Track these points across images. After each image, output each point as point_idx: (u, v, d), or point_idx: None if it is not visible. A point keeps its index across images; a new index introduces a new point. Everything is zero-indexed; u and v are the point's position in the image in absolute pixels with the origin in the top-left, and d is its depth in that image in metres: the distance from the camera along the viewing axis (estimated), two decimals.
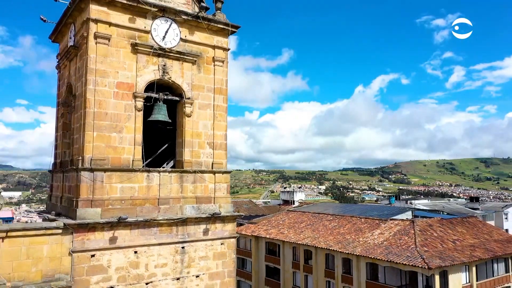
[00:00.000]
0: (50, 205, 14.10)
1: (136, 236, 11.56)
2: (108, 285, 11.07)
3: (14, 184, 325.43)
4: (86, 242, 10.82)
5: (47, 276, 10.27)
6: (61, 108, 14.03)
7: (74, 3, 12.07)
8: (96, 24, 11.49)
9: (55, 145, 14.61)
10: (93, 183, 11.08)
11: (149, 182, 12.02)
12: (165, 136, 13.91)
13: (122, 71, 11.89)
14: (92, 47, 11.42)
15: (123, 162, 11.71)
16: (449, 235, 34.62)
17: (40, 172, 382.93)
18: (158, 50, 12.43)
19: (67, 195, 12.19)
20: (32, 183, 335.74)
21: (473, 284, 32.09)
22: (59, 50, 15.00)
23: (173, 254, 12.17)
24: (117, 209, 11.35)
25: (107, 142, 11.48)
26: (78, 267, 10.66)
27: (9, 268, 9.82)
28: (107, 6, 11.67)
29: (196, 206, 12.75)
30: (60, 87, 14.44)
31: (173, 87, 12.93)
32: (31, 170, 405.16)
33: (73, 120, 12.55)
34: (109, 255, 11.11)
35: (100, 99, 11.45)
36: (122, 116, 11.79)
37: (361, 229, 37.73)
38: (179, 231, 12.32)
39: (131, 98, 11.97)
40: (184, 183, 12.66)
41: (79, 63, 12.28)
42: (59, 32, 14.29)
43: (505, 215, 59.28)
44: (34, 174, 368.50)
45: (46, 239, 10.35)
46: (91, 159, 11.17)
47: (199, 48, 13.41)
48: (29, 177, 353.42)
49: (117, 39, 11.85)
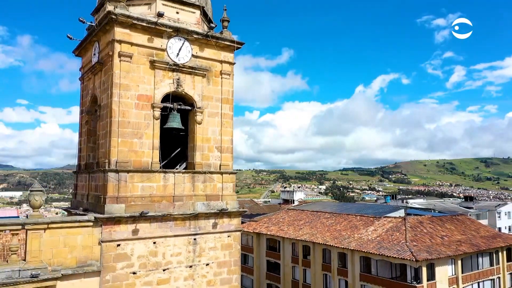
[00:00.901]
0: (75, 202, 15.82)
1: (155, 228, 13.29)
2: (131, 271, 12.80)
3: (15, 184, 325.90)
4: (113, 233, 12.55)
5: (81, 262, 12.00)
6: (86, 115, 15.78)
7: (100, 24, 13.80)
8: (120, 44, 13.22)
9: (79, 149, 16.35)
10: (118, 182, 12.80)
11: (165, 182, 13.75)
12: (178, 141, 15.63)
13: (142, 84, 13.62)
14: (116, 64, 13.15)
15: (143, 164, 13.44)
16: (438, 232, 36.68)
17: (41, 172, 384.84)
18: (173, 65, 14.16)
19: (94, 193, 13.92)
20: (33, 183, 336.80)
21: (458, 276, 34.42)
22: (82, 63, 16.73)
23: (186, 245, 13.90)
24: (138, 205, 13.08)
25: (129, 147, 13.21)
26: (106, 255, 12.39)
27: (50, 254, 11.54)
28: (129, 29, 13.40)
29: (206, 203, 14.48)
30: (84, 97, 16.17)
31: (185, 97, 14.65)
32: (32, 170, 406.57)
33: (99, 127, 14.27)
34: (132, 244, 12.85)
35: (124, 109, 13.18)
36: (142, 124, 13.52)
37: (356, 226, 39.89)
38: (192, 224, 14.05)
39: (149, 108, 13.70)
40: (196, 182, 14.39)
41: (104, 77, 14.00)
42: (83, 48, 16.03)
43: (498, 214, 61.06)
44: (35, 174, 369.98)
45: (80, 230, 12.08)
46: (116, 161, 12.90)
47: (208, 63, 15.13)
48: (29, 177, 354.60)
49: (137, 56, 13.58)
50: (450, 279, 34.54)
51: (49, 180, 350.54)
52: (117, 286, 12.51)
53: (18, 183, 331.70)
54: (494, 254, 38.13)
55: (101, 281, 12.25)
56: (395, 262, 33.27)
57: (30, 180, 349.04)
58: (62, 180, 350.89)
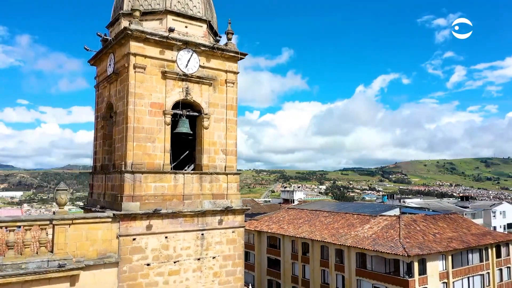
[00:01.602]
0: (91, 200, 17.15)
1: (166, 224, 14.61)
2: (146, 262, 14.12)
3: (15, 184, 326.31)
4: (129, 229, 13.87)
5: (101, 254, 13.33)
6: (101, 121, 17.11)
7: (116, 38, 15.12)
8: (135, 57, 14.53)
9: (95, 152, 17.69)
10: (133, 182, 14.13)
11: (175, 182, 15.07)
12: (186, 144, 16.94)
13: (155, 93, 14.94)
14: (132, 75, 14.48)
15: (156, 166, 14.76)
16: (431, 229, 38.26)
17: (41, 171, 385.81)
18: (182, 75, 15.48)
19: (110, 192, 15.25)
20: (33, 183, 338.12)
21: (449, 271, 36.27)
22: (96, 72, 18.06)
23: (194, 239, 15.22)
24: (152, 203, 14.40)
25: (143, 150, 14.54)
26: (123, 248, 13.71)
27: (74, 247, 12.87)
28: (143, 42, 14.71)
29: (212, 201, 15.80)
30: (99, 104, 17.50)
31: (193, 105, 15.96)
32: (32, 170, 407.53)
33: (115, 132, 15.59)
34: (146, 239, 14.17)
35: (138, 116, 14.50)
36: (155, 129, 14.84)
37: (353, 224, 41.57)
38: (199, 221, 15.37)
39: (161, 115, 15.02)
40: (203, 182, 15.72)
41: (119, 86, 15.33)
42: (99, 58, 17.37)
43: (493, 213, 62.49)
44: (35, 174, 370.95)
45: (100, 225, 13.41)
46: (131, 163, 14.22)
47: (214, 72, 16.45)
48: (30, 177, 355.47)
49: (150, 68, 14.90)
50: (441, 273, 36.35)
51: (49, 180, 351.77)
52: (133, 276, 13.83)
53: (19, 183, 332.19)
54: (484, 250, 39.96)
55: (119, 272, 13.58)
56: (389, 257, 35.13)
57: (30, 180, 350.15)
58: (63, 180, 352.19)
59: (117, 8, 16.87)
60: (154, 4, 15.83)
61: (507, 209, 67.35)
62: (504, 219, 65.31)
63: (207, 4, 17.10)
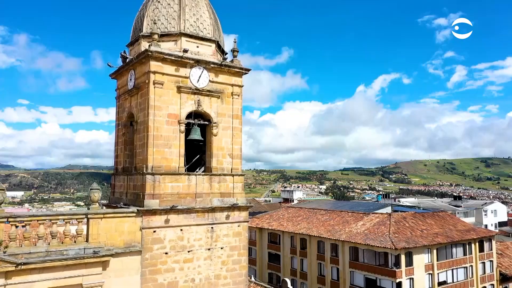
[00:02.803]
0: (113, 198, 19.47)
1: (182, 219, 16.92)
2: (164, 251, 16.44)
3: (16, 184, 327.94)
4: (150, 222, 16.18)
5: (127, 244, 15.65)
6: (122, 128, 19.45)
7: (137, 58, 17.43)
8: (154, 74, 16.85)
9: (116, 155, 20.02)
10: (153, 182, 16.45)
11: (189, 182, 17.39)
12: (197, 149, 19.24)
13: (171, 105, 17.25)
14: (152, 90, 16.80)
15: (172, 168, 17.07)
16: (419, 225, 41.02)
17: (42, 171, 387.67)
18: (194, 89, 17.79)
19: (132, 191, 17.57)
20: (34, 183, 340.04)
21: (434, 263, 39.63)
22: (117, 85, 20.35)
23: (205, 232, 17.54)
24: (169, 200, 16.71)
25: (162, 155, 16.85)
26: (145, 238, 16.03)
27: (105, 237, 15.19)
28: (161, 62, 17.02)
29: (220, 199, 18.12)
30: (120, 113, 19.81)
31: (204, 115, 18.27)
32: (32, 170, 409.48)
33: (136, 139, 17.91)
34: (164, 231, 16.49)
35: (157, 125, 16.82)
36: (171, 137, 17.15)
37: (347, 221, 44.64)
38: (210, 216, 17.69)
39: (177, 124, 17.32)
40: (212, 182, 18.04)
41: (140, 99, 17.65)
42: (120, 73, 19.69)
43: (484, 212, 64.96)
44: (36, 174, 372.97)
45: (126, 219, 15.73)
46: (152, 166, 16.53)
47: (222, 86, 18.75)
48: (30, 177, 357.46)
49: (167, 83, 17.21)
50: (427, 265, 39.84)
51: (50, 180, 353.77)
52: (154, 263, 16.16)
53: (20, 183, 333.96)
54: (468, 245, 42.99)
55: (142, 259, 15.91)
56: (379, 250, 38.58)
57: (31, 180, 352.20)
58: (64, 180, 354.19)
59: (136, 30, 19.20)
60: (169, 27, 18.16)
61: (498, 208, 69.86)
62: (496, 217, 67.80)
63: (215, 26, 19.42)
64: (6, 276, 13.08)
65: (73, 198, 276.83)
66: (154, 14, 18.35)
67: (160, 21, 18.15)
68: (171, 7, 18.39)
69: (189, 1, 18.64)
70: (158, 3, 18.58)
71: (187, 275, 16.86)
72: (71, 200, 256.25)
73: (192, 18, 18.47)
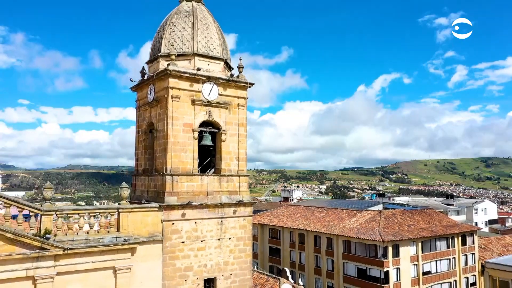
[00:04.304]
0: (135, 196, 22.29)
1: (196, 213, 19.79)
2: (181, 241, 19.30)
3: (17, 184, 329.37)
4: (170, 216, 19.04)
5: (150, 234, 18.51)
6: (142, 135, 22.34)
7: (157, 75, 20.30)
8: (172, 89, 19.72)
9: (136, 158, 22.91)
10: (172, 182, 19.32)
11: (202, 182, 20.26)
12: (208, 152, 22.11)
13: (186, 116, 20.12)
14: (170, 103, 19.67)
15: (187, 170, 19.93)
16: (407, 221, 44.44)
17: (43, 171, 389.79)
18: (206, 102, 20.66)
19: (153, 189, 20.45)
20: (35, 183, 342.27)
21: (419, 255, 44.10)
22: (137, 97, 23.23)
23: (216, 224, 20.40)
24: (185, 197, 19.58)
25: (179, 158, 19.72)
26: (165, 229, 18.89)
27: (133, 228, 18.03)
28: (178, 79, 19.90)
29: (228, 196, 20.99)
30: (140, 121, 22.69)
31: (214, 123, 21.14)
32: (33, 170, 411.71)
33: (155, 145, 20.78)
34: (181, 223, 19.35)
35: (175, 133, 19.69)
36: (187, 143, 20.02)
37: (342, 218, 48.38)
38: (219, 211, 20.55)
39: (191, 132, 20.19)
40: (222, 182, 20.90)
41: (159, 110, 20.52)
42: (139, 87, 22.58)
43: (475, 210, 67.94)
44: (37, 174, 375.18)
45: (150, 213, 18.59)
46: (170, 168, 19.40)
47: (229, 98, 21.61)
48: (31, 177, 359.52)
49: (183, 97, 20.08)
50: (412, 257, 44.64)
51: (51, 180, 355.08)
52: (173, 250, 19.03)
53: (21, 183, 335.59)
54: (451, 239, 46.50)
55: (163, 247, 18.78)
56: (369, 243, 43.01)
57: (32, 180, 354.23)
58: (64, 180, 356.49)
59: (155, 49, 22.08)
60: (184, 48, 21.04)
61: (488, 206, 72.94)
62: (486, 215, 70.80)
63: (223, 45, 22.29)
64: (55, 258, 15.95)
65: (74, 198, 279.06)
66: (171, 36, 21.24)
67: (176, 43, 21.02)
68: (185, 30, 21.27)
69: (201, 25, 21.53)
70: (174, 27, 21.47)
71: (200, 261, 19.74)
72: (72, 200, 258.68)
73: (204, 40, 21.36)
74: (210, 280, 20.04)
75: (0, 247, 14.96)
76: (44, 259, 15.70)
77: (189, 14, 21.64)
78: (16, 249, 15.24)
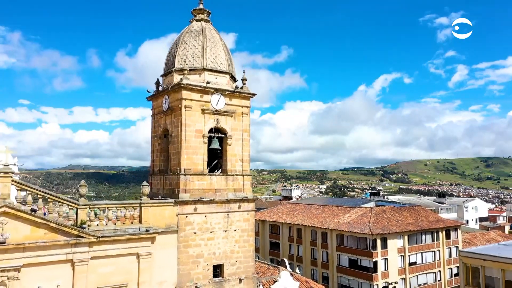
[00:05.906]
0: (151, 194, 25.16)
1: (206, 207, 22.77)
2: (193, 231, 22.28)
3: None
4: (183, 210, 22.01)
5: (167, 225, 21.50)
6: (158, 139, 25.36)
7: (172, 88, 23.30)
8: (185, 100, 22.71)
9: (152, 160, 25.92)
10: (185, 181, 22.32)
11: (210, 180, 23.25)
12: (216, 155, 25.10)
13: (197, 123, 23.10)
14: (183, 112, 22.65)
15: (198, 170, 22.92)
16: (395, 217, 48.02)
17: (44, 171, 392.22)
18: (214, 111, 23.64)
19: (168, 187, 23.44)
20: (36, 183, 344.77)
21: (405, 247, 48.84)
22: (152, 106, 26.20)
23: (223, 218, 23.38)
24: (196, 194, 22.57)
25: (191, 160, 22.71)
26: (180, 222, 21.88)
27: (153, 220, 21.02)
28: (190, 91, 22.89)
29: (234, 193, 23.97)
30: (156, 127, 25.68)
31: (221, 129, 24.12)
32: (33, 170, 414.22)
33: (170, 148, 23.78)
34: (193, 216, 22.34)
35: (188, 138, 22.67)
36: (198, 146, 23.01)
37: (336, 214, 52.33)
38: (226, 206, 23.53)
39: (201, 137, 23.18)
40: (228, 181, 23.89)
41: (173, 118, 23.50)
42: (155, 97, 25.58)
43: (466, 208, 71.03)
44: (37, 174, 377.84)
45: (166, 208, 21.58)
46: (184, 169, 22.39)
47: (234, 107, 24.58)
48: (32, 177, 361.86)
49: (194, 107, 23.06)
50: (399, 249, 49.01)
51: (52, 180, 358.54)
52: (186, 240, 22.03)
53: None
54: (435, 233, 50.35)
55: (178, 237, 21.77)
56: (359, 236, 47.95)
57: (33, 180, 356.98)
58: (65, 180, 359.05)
59: (169, 64, 25.08)
60: (195, 63, 24.03)
61: (479, 204, 76.06)
62: (476, 213, 73.89)
63: (229, 60, 25.29)
64: (90, 245, 18.96)
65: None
66: (183, 53, 24.23)
67: (188, 59, 24.02)
68: (196, 48, 24.27)
69: (210, 43, 24.53)
70: (186, 45, 24.46)
71: (210, 249, 22.74)
72: None
73: (212, 56, 24.35)
74: (218, 266, 23.06)
75: (45, 235, 17.96)
76: (81, 245, 18.72)
77: (199, 34, 24.63)
78: (58, 236, 18.25)
